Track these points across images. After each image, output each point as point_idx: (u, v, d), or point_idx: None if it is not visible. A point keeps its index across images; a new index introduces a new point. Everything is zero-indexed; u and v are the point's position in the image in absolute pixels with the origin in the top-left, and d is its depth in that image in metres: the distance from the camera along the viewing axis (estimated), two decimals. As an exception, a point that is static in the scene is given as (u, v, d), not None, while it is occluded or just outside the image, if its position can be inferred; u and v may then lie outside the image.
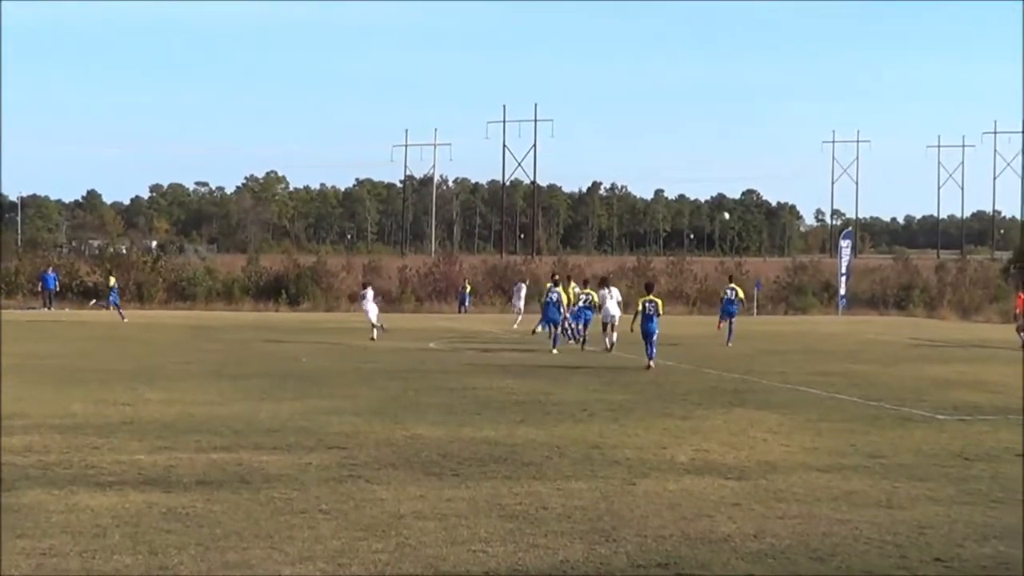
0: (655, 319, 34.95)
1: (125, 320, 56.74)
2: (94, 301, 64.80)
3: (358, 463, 17.61)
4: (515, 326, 52.75)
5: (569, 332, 43.48)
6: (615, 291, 41.63)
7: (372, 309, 45.89)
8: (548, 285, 43.39)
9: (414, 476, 16.67)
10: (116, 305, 60.48)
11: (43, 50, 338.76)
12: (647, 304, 35.30)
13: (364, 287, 48.61)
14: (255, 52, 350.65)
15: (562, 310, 42.05)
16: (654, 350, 34.51)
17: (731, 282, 48.85)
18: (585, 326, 42.51)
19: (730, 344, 44.42)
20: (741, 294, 47.51)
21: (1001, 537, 13.55)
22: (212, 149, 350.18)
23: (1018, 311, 49.12)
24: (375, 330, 44.61)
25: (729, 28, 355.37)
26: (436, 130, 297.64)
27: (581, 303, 42.80)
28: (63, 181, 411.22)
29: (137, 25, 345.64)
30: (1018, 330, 48.19)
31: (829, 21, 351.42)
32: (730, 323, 45.70)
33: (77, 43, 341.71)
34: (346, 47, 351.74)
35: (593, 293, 43.18)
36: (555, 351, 40.21)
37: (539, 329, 42.28)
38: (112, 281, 62.89)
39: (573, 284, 45.81)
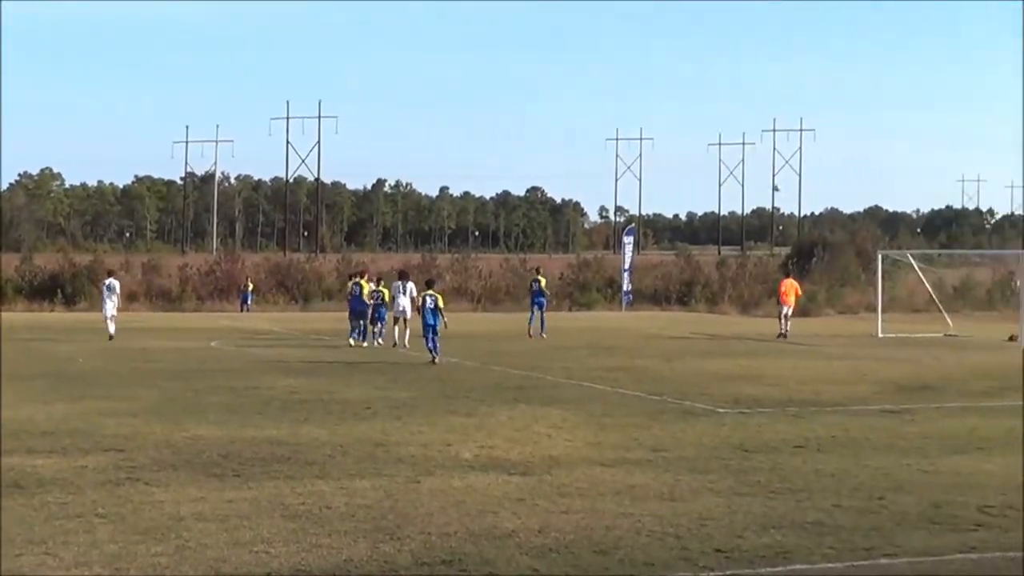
0: (435, 313, 35.16)
1: None
2: None
3: (136, 465, 17.28)
4: (406, 342, 41.25)
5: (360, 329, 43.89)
6: (411, 286, 41.51)
7: (111, 305, 44.64)
8: (354, 281, 44.06)
9: (194, 477, 16.41)
10: None
11: None
12: (426, 298, 35.45)
13: (109, 275, 47.44)
14: (25, 45, 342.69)
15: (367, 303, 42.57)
16: (437, 345, 34.62)
17: (538, 274, 50.25)
18: (377, 323, 42.77)
19: (544, 335, 46.07)
20: (544, 284, 49.27)
21: (779, 527, 13.76)
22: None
23: (781, 300, 50.39)
24: (110, 324, 43.70)
25: (508, 24, 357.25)
26: (218, 126, 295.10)
27: (374, 300, 42.91)
28: None
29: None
30: (779, 317, 49.35)
31: (610, 19, 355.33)
32: (541, 315, 47.37)
33: None
34: (120, 42, 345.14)
35: (384, 290, 43.25)
36: (352, 342, 41.49)
37: (353, 340, 41.90)
38: None
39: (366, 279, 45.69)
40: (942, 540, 13.30)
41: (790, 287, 51.00)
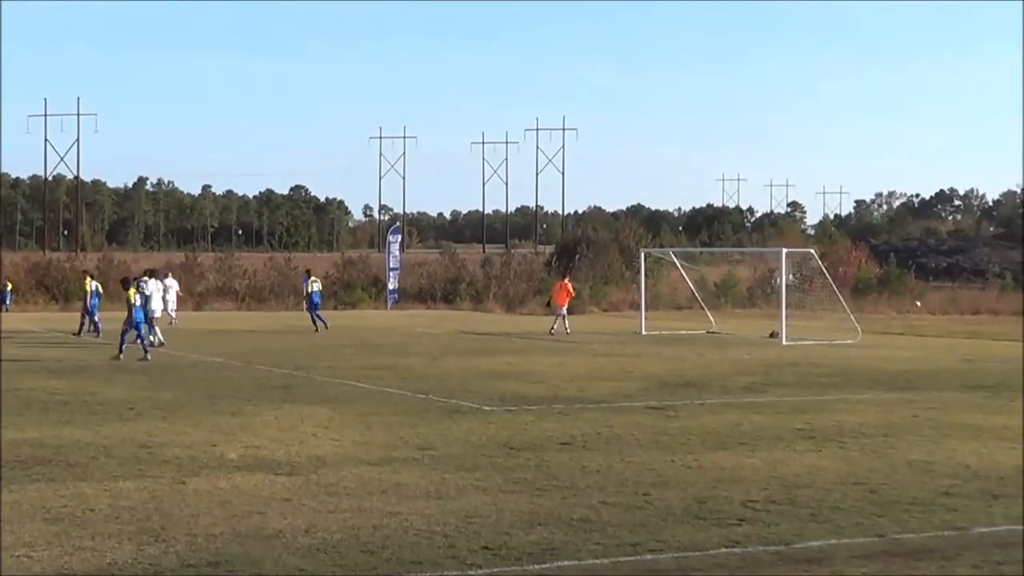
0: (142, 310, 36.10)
1: None
2: None
3: None
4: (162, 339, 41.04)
5: (95, 327, 43.95)
6: (171, 283, 41.01)
7: None
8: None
9: (-49, 482, 15.99)
10: None
11: None
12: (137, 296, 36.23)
13: None
14: None
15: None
16: (145, 341, 35.65)
17: (310, 276, 52.15)
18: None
19: (327, 328, 48.29)
20: (319, 285, 52.62)
21: (546, 523, 13.90)
22: None
23: (555, 297, 50.98)
24: None
25: (267, 22, 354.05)
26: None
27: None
28: None
29: None
30: (556, 315, 49.82)
31: (370, 16, 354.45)
32: (316, 313, 49.75)
33: None
34: None
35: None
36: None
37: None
38: None
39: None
40: (707, 535, 13.57)
41: (560, 288, 51.40)
